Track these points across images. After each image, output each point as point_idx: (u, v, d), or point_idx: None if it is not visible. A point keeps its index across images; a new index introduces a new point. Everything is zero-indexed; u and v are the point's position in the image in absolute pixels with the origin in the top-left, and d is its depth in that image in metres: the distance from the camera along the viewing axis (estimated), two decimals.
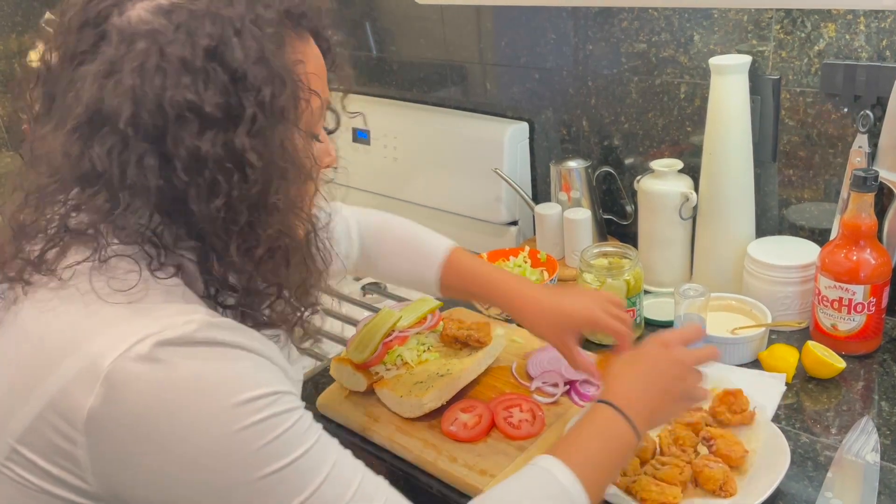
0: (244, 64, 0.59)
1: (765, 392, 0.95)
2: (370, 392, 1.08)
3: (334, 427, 1.07)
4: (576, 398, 1.04)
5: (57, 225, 0.64)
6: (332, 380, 1.12)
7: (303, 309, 0.73)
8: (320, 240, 0.77)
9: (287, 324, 0.72)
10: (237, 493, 0.60)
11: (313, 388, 1.15)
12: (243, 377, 0.61)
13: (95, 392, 0.57)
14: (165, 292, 0.62)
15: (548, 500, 0.71)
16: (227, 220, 0.61)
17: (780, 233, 1.27)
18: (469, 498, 0.90)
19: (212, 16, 0.60)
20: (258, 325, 0.68)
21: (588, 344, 1.19)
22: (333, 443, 0.67)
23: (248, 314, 0.67)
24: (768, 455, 0.89)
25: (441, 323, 1.16)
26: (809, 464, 0.92)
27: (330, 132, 0.77)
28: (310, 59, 0.67)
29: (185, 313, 0.60)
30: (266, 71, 0.60)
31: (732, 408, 0.95)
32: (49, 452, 0.60)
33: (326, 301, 1.43)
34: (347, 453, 0.68)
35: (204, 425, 0.58)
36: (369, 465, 1.03)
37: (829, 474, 0.89)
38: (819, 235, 1.23)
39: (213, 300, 0.66)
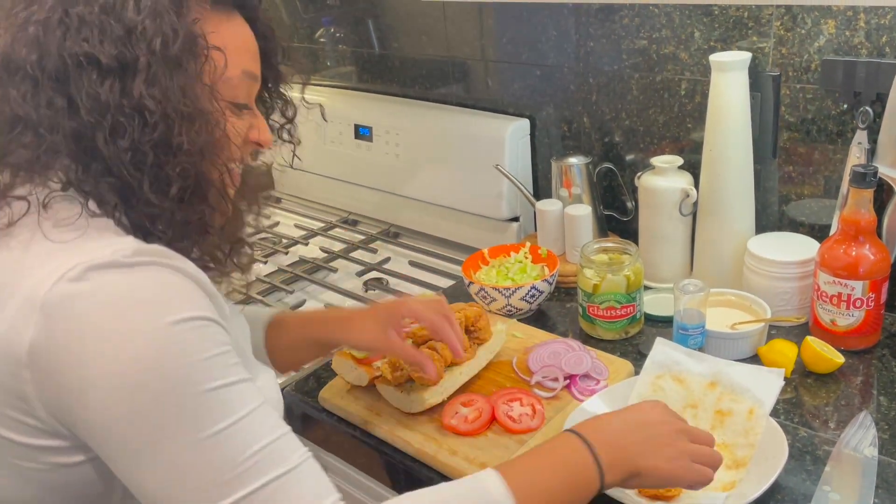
0: (136, 17, 0.66)
1: (763, 386, 0.95)
2: (371, 386, 1.09)
3: (336, 420, 1.08)
4: (576, 392, 1.05)
5: None
6: (333, 374, 1.13)
7: (229, 245, 0.78)
8: (240, 183, 0.80)
9: (217, 261, 0.76)
10: (165, 409, 0.61)
11: (315, 381, 1.16)
12: (174, 296, 0.64)
13: (33, 322, 0.61)
14: (101, 228, 0.67)
15: None
16: (134, 161, 0.67)
17: (780, 229, 1.27)
18: None
19: None
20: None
21: (588, 338, 1.19)
22: (257, 395, 0.67)
23: (177, 250, 0.70)
24: (766, 449, 0.89)
25: None
26: (808, 458, 0.92)
27: (244, 106, 0.78)
28: (221, 24, 0.72)
29: (115, 243, 0.65)
30: (158, 24, 0.66)
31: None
32: (4, 397, 0.64)
33: (331, 298, 1.45)
34: (274, 412, 0.69)
35: (135, 341, 0.61)
36: (371, 458, 1.05)
37: (826, 468, 0.90)
38: (819, 231, 1.23)
39: (143, 239, 0.69)
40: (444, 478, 0.95)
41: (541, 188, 1.56)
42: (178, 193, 0.68)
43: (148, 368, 0.61)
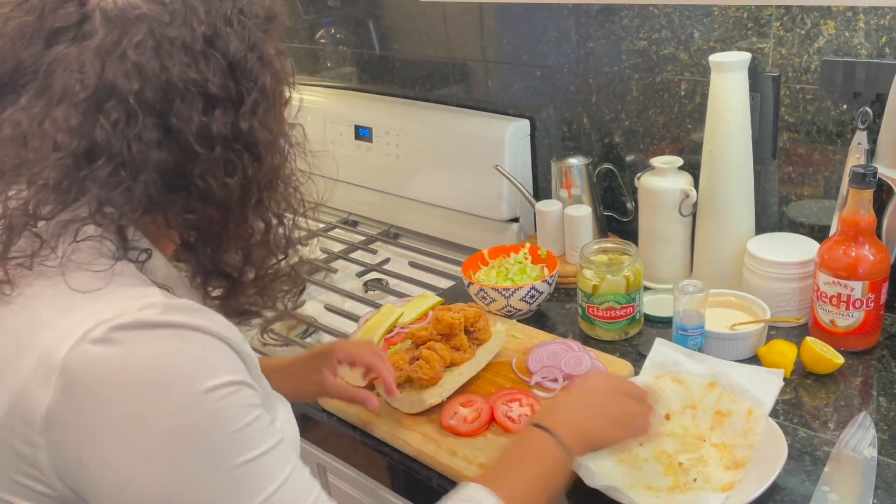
0: (239, 52, 0.62)
1: (763, 387, 0.95)
2: (371, 387, 1.09)
3: (335, 421, 1.08)
4: None
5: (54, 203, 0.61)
6: None
7: (287, 291, 0.74)
8: (297, 227, 0.77)
9: (272, 309, 0.72)
10: (195, 487, 0.58)
11: None
12: (203, 362, 0.59)
13: (52, 386, 0.56)
14: (128, 275, 0.62)
15: None
16: (243, 196, 0.64)
17: (780, 229, 1.27)
18: None
19: (205, 4, 0.62)
20: (240, 314, 0.69)
21: (588, 339, 1.19)
22: (293, 453, 0.66)
23: (232, 301, 0.68)
24: (766, 449, 0.89)
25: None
26: (807, 458, 0.92)
27: None
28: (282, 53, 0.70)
29: (141, 297, 0.59)
30: (260, 59, 0.64)
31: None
32: (13, 461, 0.58)
33: (331, 298, 1.45)
34: (306, 469, 0.66)
35: (163, 412, 0.56)
36: (370, 458, 1.05)
37: (826, 469, 0.90)
38: (819, 232, 1.23)
39: (201, 289, 0.67)
40: (444, 478, 0.95)
41: (541, 189, 1.56)
42: (262, 237, 0.66)
43: (174, 442, 0.57)
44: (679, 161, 1.28)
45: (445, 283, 1.49)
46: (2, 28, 0.63)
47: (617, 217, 1.46)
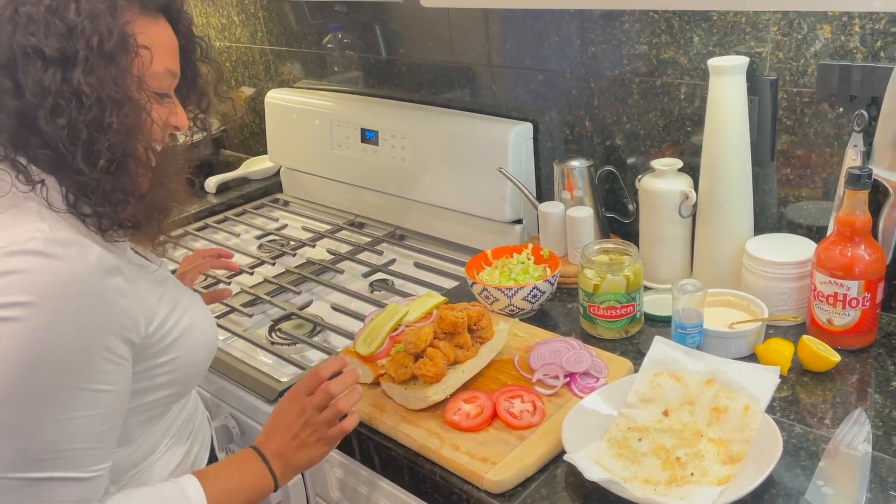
0: (77, 18, 0.76)
1: (759, 384, 0.97)
2: (376, 384, 1.11)
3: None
4: (576, 390, 1.07)
5: None
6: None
7: (153, 213, 0.87)
8: (164, 158, 0.92)
9: (139, 226, 0.85)
10: (23, 387, 0.73)
11: None
12: (67, 292, 0.75)
13: None
14: (26, 211, 0.78)
15: None
16: (70, 136, 0.77)
17: (778, 230, 1.29)
18: (471, 485, 0.94)
19: None
20: (113, 225, 0.82)
21: (589, 337, 1.22)
22: (106, 406, 0.80)
23: (103, 218, 0.81)
24: (761, 444, 0.91)
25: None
26: (802, 453, 0.94)
27: (166, 95, 0.89)
28: (149, 27, 0.83)
29: (34, 230, 0.75)
30: (95, 24, 0.77)
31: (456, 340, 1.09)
32: None
33: (338, 299, 1.49)
34: (103, 424, 0.81)
35: (20, 328, 0.72)
36: (376, 452, 1.07)
37: (821, 463, 0.91)
38: (817, 233, 1.25)
39: (73, 208, 0.80)
40: (447, 472, 0.97)
41: (543, 191, 1.59)
42: (106, 165, 0.79)
43: (24, 349, 0.73)
44: (679, 163, 1.30)
45: (450, 284, 1.52)
46: None
47: (618, 218, 1.49)
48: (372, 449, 1.07)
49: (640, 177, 1.33)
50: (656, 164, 1.30)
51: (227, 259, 1.33)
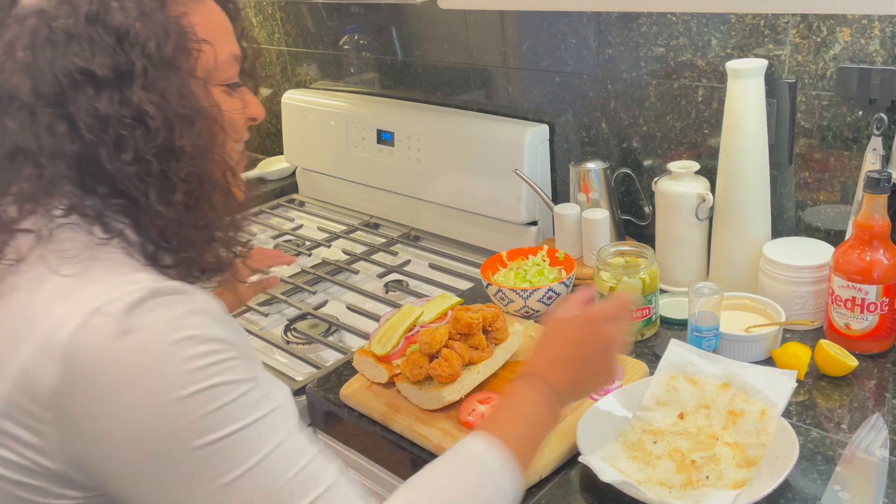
0: (126, 22, 0.64)
1: (776, 388, 0.97)
2: (391, 384, 1.12)
3: (356, 416, 1.11)
4: None
5: None
6: (354, 371, 1.16)
7: (237, 248, 0.77)
8: (238, 178, 0.79)
9: (227, 266, 0.76)
10: (191, 457, 0.61)
11: (337, 379, 1.19)
12: (192, 334, 0.62)
13: (55, 368, 0.60)
14: (111, 261, 0.66)
15: (476, 482, 0.73)
16: (140, 172, 0.65)
17: (796, 234, 1.29)
18: None
19: None
20: (202, 273, 0.72)
21: None
22: (288, 420, 0.68)
23: (189, 266, 0.71)
24: (778, 448, 0.91)
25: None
26: (819, 458, 0.94)
27: (237, 85, 0.78)
28: (201, 13, 0.71)
29: (131, 282, 0.63)
30: (148, 25, 0.65)
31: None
32: (18, 435, 0.62)
33: (353, 299, 1.49)
34: (302, 435, 0.68)
35: (156, 387, 0.60)
36: (390, 452, 1.07)
37: (837, 468, 0.91)
38: (835, 237, 1.24)
39: (154, 261, 0.69)
40: None
41: (559, 193, 1.59)
42: (184, 199, 0.67)
43: (171, 416, 0.60)
44: (696, 166, 1.30)
45: (465, 285, 1.52)
46: None
47: (634, 221, 1.48)
48: (387, 449, 1.08)
49: (656, 179, 1.33)
50: (673, 166, 1.30)
51: (282, 258, 1.32)
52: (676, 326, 1.24)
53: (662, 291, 1.30)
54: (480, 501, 0.72)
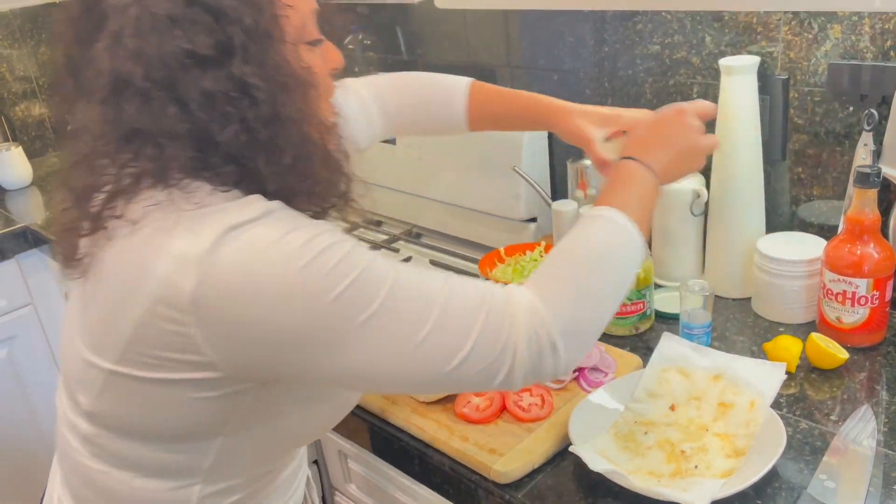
0: (221, 1, 0.67)
1: (765, 380, 0.98)
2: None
3: (356, 409, 1.13)
4: (584, 384, 1.08)
5: (115, 179, 0.71)
6: None
7: (335, 199, 0.82)
8: (335, 137, 0.82)
9: (325, 215, 0.81)
10: (324, 312, 0.68)
11: None
12: (303, 227, 0.70)
13: (191, 277, 0.66)
14: (230, 198, 0.71)
15: (614, 238, 0.82)
16: (249, 142, 0.69)
17: (790, 229, 1.30)
18: (479, 475, 0.96)
19: None
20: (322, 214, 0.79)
21: None
22: (387, 257, 0.76)
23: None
24: (765, 438, 0.92)
25: None
26: (807, 449, 0.95)
27: (319, 41, 0.80)
28: None
29: (250, 204, 0.70)
30: (240, 1, 0.67)
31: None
32: (164, 340, 0.69)
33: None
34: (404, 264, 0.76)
35: (288, 273, 0.67)
36: (387, 444, 1.10)
37: (825, 458, 0.92)
38: (828, 232, 1.25)
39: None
40: (456, 462, 1.00)
41: (558, 190, 1.60)
42: (292, 161, 0.72)
43: (294, 293, 0.68)
44: None
45: None
46: (58, 44, 0.73)
47: None
48: (384, 440, 1.10)
49: None
50: None
51: None
52: (671, 321, 1.25)
53: (657, 286, 1.31)
54: (615, 245, 0.82)
